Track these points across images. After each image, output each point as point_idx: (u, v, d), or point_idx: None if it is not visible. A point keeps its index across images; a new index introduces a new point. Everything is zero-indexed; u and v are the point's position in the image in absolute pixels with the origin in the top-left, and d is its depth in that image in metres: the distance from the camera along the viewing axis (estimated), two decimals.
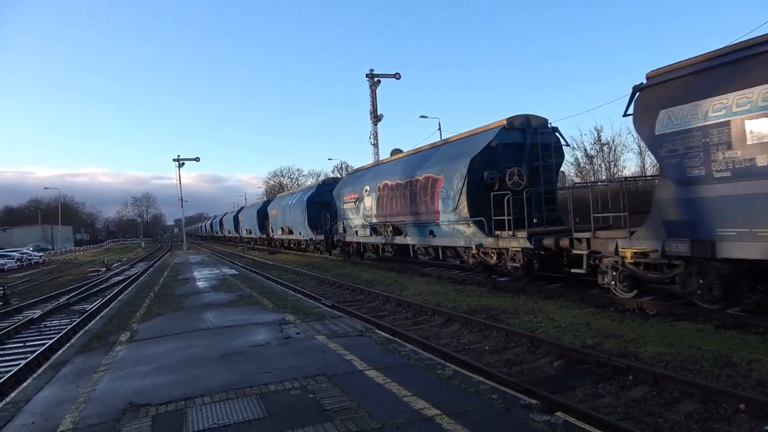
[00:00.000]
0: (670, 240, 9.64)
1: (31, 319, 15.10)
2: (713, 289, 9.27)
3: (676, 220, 9.62)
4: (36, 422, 5.34)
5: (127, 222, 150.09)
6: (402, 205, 19.81)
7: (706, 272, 9.35)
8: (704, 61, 9.26)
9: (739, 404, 5.46)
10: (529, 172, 15.29)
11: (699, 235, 9.17)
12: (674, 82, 9.76)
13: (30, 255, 53.05)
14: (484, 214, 15.05)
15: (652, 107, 9.88)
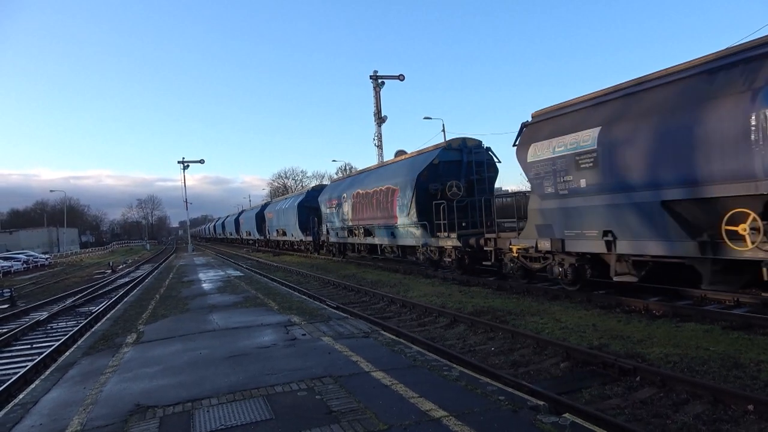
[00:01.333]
0: (539, 239, 12.88)
1: (38, 320, 15.17)
2: (568, 274, 12.41)
3: (541, 225, 12.82)
4: (44, 423, 5.36)
5: (132, 224, 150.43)
6: (371, 210, 23.23)
7: (563, 262, 12.53)
8: (555, 110, 12.80)
9: (748, 405, 5.42)
10: (467, 184, 18.69)
11: (555, 235, 12.43)
12: (539, 123, 13.05)
13: (36, 257, 53.29)
14: (428, 218, 18.41)
15: (528, 141, 13.04)
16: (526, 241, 13.42)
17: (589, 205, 11.38)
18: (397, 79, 41.59)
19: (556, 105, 12.91)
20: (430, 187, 18.55)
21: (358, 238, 25.40)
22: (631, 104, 10.57)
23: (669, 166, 9.47)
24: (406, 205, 19.63)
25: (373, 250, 25.65)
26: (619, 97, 11.05)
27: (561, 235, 12.24)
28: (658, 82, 10.20)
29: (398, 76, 41.58)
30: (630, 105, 10.59)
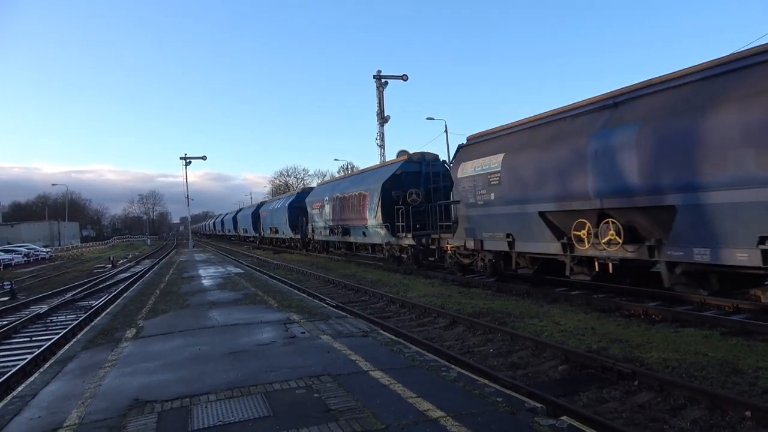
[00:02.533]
0: (467, 239, 16.07)
1: (38, 314, 15.20)
2: (487, 268, 15.68)
3: (468, 228, 15.93)
4: (42, 416, 5.38)
5: (133, 219, 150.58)
6: (348, 212, 26.43)
7: (484, 258, 15.73)
8: (479, 137, 16.20)
9: (745, 412, 5.42)
10: (426, 192, 21.82)
11: (477, 236, 15.61)
12: (468, 146, 16.41)
13: (37, 250, 53.39)
14: (391, 221, 21.60)
15: (459, 160, 16.28)
16: (457, 241, 16.79)
17: (497, 213, 14.55)
18: (401, 79, 41.56)
19: (481, 132, 16.31)
20: (393, 194, 21.79)
21: (337, 236, 28.73)
22: (522, 137, 13.88)
23: (543, 185, 12.64)
24: (374, 209, 22.86)
25: (350, 248, 29.67)
26: (515, 131, 14.37)
27: (481, 237, 15.50)
28: (535, 123, 13.67)
29: (402, 76, 41.54)
30: (522, 138, 13.91)
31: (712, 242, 9.16)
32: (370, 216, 23.40)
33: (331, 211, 28.95)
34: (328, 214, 29.49)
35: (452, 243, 17.17)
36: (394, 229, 21.59)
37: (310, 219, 34.01)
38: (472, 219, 15.62)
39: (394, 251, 22.64)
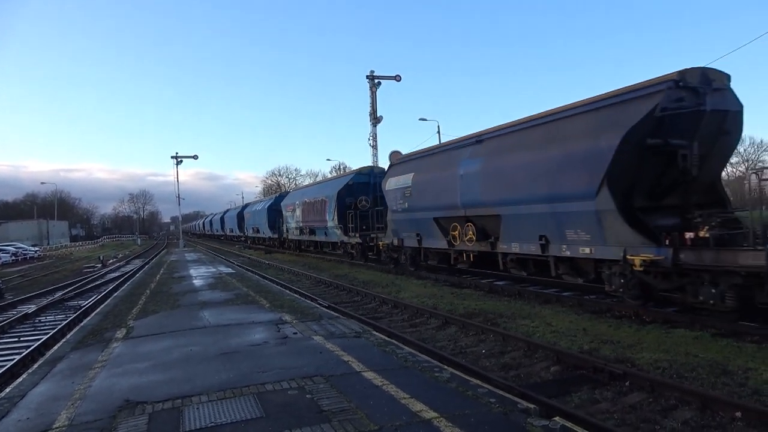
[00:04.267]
0: (394, 238, 20.53)
1: (26, 314, 15.05)
2: (407, 260, 20.17)
3: (393, 229, 20.57)
4: (31, 418, 5.32)
5: (123, 218, 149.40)
6: (313, 215, 30.87)
7: (406, 252, 20.19)
8: (402, 158, 20.96)
9: (736, 412, 5.47)
10: (374, 199, 25.29)
11: (399, 236, 20.14)
12: (394, 165, 21.23)
13: (25, 249, 52.87)
14: (344, 222, 26.21)
15: (388, 176, 21.06)
16: (387, 239, 21.37)
17: (410, 218, 19.08)
18: (394, 80, 41.60)
19: (403, 156, 21.32)
20: (347, 200, 26.18)
21: (306, 235, 33.54)
22: (424, 162, 18.58)
23: (436, 198, 17.03)
24: (332, 212, 27.35)
25: (317, 246, 34.39)
26: (421, 157, 19.28)
27: (402, 236, 20.08)
28: (432, 152, 18.87)
29: (395, 76, 41.56)
30: (424, 162, 18.62)
31: (520, 239, 13.54)
32: (329, 218, 27.90)
33: (301, 213, 33.57)
34: (299, 216, 34.14)
35: (383, 241, 21.94)
36: (346, 229, 26.03)
37: (285, 220, 38.67)
38: (396, 222, 20.31)
39: (347, 248, 27.43)
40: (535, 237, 12.69)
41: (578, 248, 11.57)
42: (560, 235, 12.02)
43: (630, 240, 10.25)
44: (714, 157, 10.82)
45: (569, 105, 12.40)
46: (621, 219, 10.32)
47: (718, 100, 10.37)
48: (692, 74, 10.24)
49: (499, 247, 14.25)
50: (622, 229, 10.35)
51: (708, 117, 10.25)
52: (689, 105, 10.11)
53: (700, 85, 10.23)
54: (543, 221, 12.44)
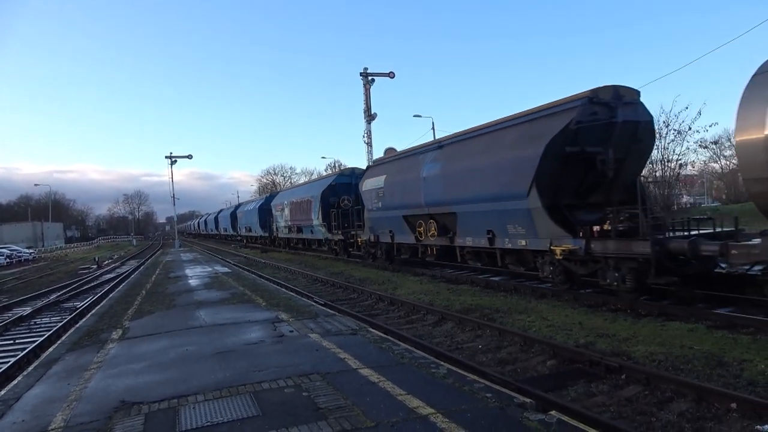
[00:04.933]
0: (371, 234, 22.51)
1: (21, 316, 14.98)
2: (383, 255, 22.16)
3: (370, 226, 22.51)
4: (26, 420, 5.29)
5: (119, 219, 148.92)
6: (300, 214, 32.85)
7: (382, 248, 22.13)
8: (377, 162, 23.44)
9: (731, 404, 5.49)
10: (355, 198, 26.05)
11: (375, 232, 22.12)
12: (371, 168, 23.85)
13: (20, 252, 52.61)
14: (328, 221, 27.94)
15: (365, 178, 23.14)
16: (365, 236, 23.33)
17: (383, 216, 20.90)
18: (388, 77, 41.47)
19: (377, 159, 24.20)
20: (330, 200, 27.90)
21: (294, 233, 35.81)
22: (394, 165, 20.75)
23: (404, 197, 18.84)
24: (316, 211, 29.26)
25: (305, 243, 36.56)
26: (392, 160, 21.48)
27: (378, 233, 21.99)
28: (401, 156, 20.99)
29: (388, 73, 41.39)
30: (394, 165, 20.72)
31: (472, 234, 15.22)
32: (314, 217, 29.81)
33: (289, 213, 35.69)
34: (287, 215, 36.26)
35: (362, 237, 23.92)
36: (330, 227, 27.88)
37: (275, 219, 40.78)
38: (372, 220, 22.24)
39: (331, 244, 29.56)
40: (484, 232, 14.52)
41: (517, 241, 13.34)
42: (503, 230, 13.78)
43: (554, 233, 11.95)
44: (630, 161, 12.47)
45: (508, 117, 14.26)
46: (546, 215, 11.97)
47: (629, 112, 12.03)
48: (605, 91, 11.89)
49: (457, 241, 16.16)
50: (547, 224, 12.02)
51: (620, 127, 11.90)
52: (602, 118, 11.79)
53: (612, 101, 11.85)
54: (489, 218, 14.20)
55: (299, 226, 33.57)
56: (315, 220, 29.59)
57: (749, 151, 8.48)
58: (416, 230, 18.52)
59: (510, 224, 13.36)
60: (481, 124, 15.54)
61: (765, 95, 8.23)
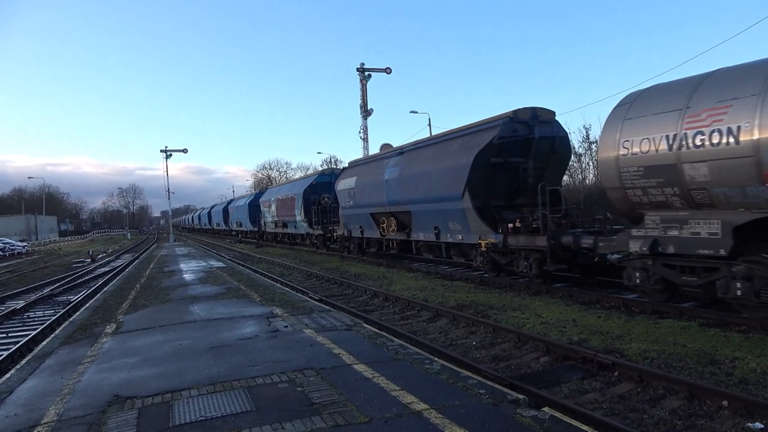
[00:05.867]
0: (344, 230, 24.74)
1: (14, 309, 14.90)
2: (356, 249, 24.69)
3: (344, 222, 24.73)
4: (19, 414, 5.28)
5: (113, 213, 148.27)
6: (285, 210, 35.52)
7: (354, 242, 24.52)
8: (351, 165, 25.53)
9: (722, 401, 5.53)
10: (334, 196, 27.01)
11: (348, 228, 24.33)
12: (345, 169, 25.96)
13: (13, 245, 52.35)
14: (309, 217, 30.16)
15: (338, 179, 25.47)
16: (340, 231, 25.77)
17: (354, 214, 23.20)
18: (384, 72, 41.38)
19: (351, 162, 26.03)
20: (312, 197, 30.14)
21: (280, 228, 38.48)
22: (364, 168, 22.86)
23: (371, 197, 21.04)
24: (299, 208, 31.65)
25: (289, 237, 39.13)
26: (362, 164, 23.97)
27: (351, 228, 24.27)
28: (369, 160, 23.65)
29: (385, 69, 41.28)
30: (363, 168, 22.96)
31: (423, 230, 17.66)
32: (297, 213, 32.25)
33: (276, 209, 38.06)
34: (274, 211, 38.73)
35: (338, 233, 26.39)
36: (311, 222, 30.02)
37: (263, 215, 43.16)
38: (345, 217, 24.55)
39: (312, 239, 32.08)
40: (432, 228, 16.93)
41: (456, 236, 15.79)
42: (446, 227, 16.21)
43: (482, 229, 14.41)
44: (549, 170, 14.78)
45: (454, 129, 16.82)
46: (476, 214, 14.39)
47: (546, 129, 14.52)
48: (524, 112, 14.34)
49: (412, 236, 18.68)
50: (477, 222, 14.47)
51: (537, 142, 14.35)
52: (522, 134, 14.22)
53: (530, 120, 14.33)
54: (435, 216, 16.54)
55: (284, 221, 36.07)
56: (298, 216, 32.04)
57: (607, 166, 10.50)
58: (381, 226, 20.90)
59: (450, 222, 15.81)
60: (434, 135, 18.53)
61: (617, 125, 10.33)
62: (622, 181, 10.15)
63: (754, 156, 8.01)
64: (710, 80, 9.17)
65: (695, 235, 9.13)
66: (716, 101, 8.67)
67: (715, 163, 8.54)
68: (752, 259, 8.48)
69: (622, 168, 10.10)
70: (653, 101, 9.98)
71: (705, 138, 8.64)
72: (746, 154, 8.09)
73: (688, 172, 8.95)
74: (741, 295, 8.51)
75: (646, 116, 9.88)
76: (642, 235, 10.03)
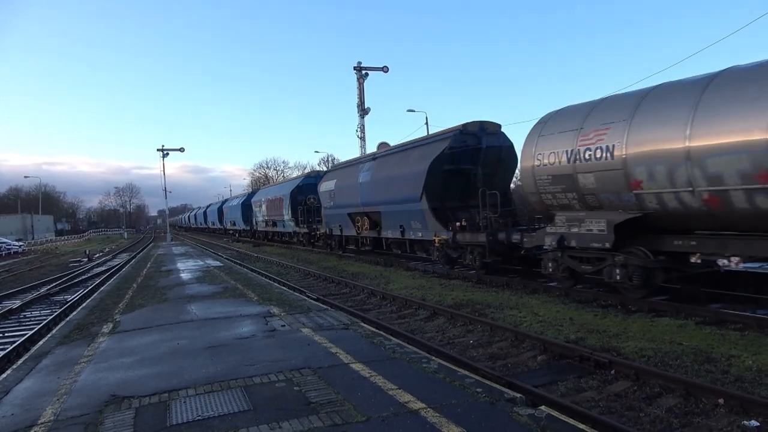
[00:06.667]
0: (327, 228, 27.11)
1: (11, 309, 14.86)
2: (336, 245, 26.95)
3: (326, 221, 27.14)
4: (16, 414, 5.27)
5: (110, 212, 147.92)
6: (274, 210, 37.79)
7: (335, 239, 26.89)
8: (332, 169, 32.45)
9: (718, 399, 5.55)
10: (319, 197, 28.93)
11: (330, 227, 26.71)
12: (325, 174, 30.55)
13: (9, 244, 52.17)
14: (296, 216, 32.42)
15: (320, 182, 28.37)
16: (323, 229, 28.00)
17: (334, 213, 25.48)
18: (381, 71, 41.34)
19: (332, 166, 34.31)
20: (298, 198, 32.19)
21: (270, 227, 40.81)
22: (343, 172, 25.40)
23: (348, 198, 23.36)
24: (287, 208, 33.89)
25: (278, 235, 41.32)
26: (341, 168, 26.71)
27: (331, 227, 26.54)
28: (348, 164, 25.96)
29: (382, 67, 41.27)
30: (343, 172, 25.44)
31: (391, 228, 19.86)
32: (285, 213, 34.42)
33: (266, 209, 40.39)
34: (264, 211, 41.05)
35: (320, 231, 28.72)
36: (297, 222, 32.29)
37: (254, 215, 45.63)
38: (327, 216, 26.91)
39: (298, 236, 34.81)
40: (398, 226, 19.21)
41: (417, 233, 18.07)
42: (409, 225, 18.45)
43: (436, 227, 16.54)
44: (499, 176, 16.68)
45: (418, 138, 19.78)
46: (432, 215, 16.61)
47: (493, 140, 16.64)
48: (472, 125, 16.61)
49: (382, 233, 21.00)
50: (433, 221, 16.63)
51: (485, 151, 16.47)
52: (471, 144, 16.42)
53: (478, 132, 16.53)
54: (400, 216, 18.80)
55: (274, 220, 38.54)
56: (286, 215, 34.40)
57: (526, 174, 12.50)
58: (356, 225, 23.09)
59: (412, 221, 18.06)
60: (401, 143, 21.02)
61: (533, 140, 12.37)
62: (538, 187, 12.13)
63: (623, 169, 9.98)
64: (600, 106, 11.21)
65: (589, 232, 11.13)
66: (600, 123, 10.69)
67: (599, 174, 10.57)
68: (629, 251, 10.40)
69: (537, 176, 12.08)
70: (559, 121, 11.97)
71: (592, 153, 10.69)
72: (618, 167, 10.09)
73: (581, 181, 10.99)
74: (620, 279, 10.44)
75: (554, 134, 11.88)
76: (553, 232, 12.00)
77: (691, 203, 9.12)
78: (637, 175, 9.76)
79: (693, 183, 8.89)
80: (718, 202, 8.73)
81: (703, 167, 8.66)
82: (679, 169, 9.03)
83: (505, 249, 14.10)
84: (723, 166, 8.41)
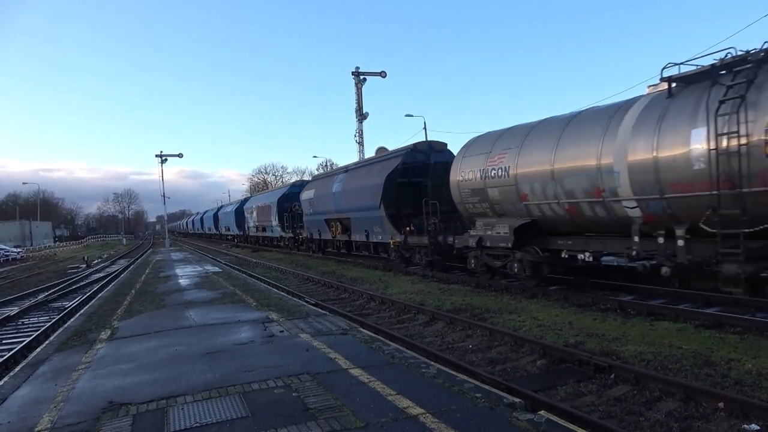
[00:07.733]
0: (308, 232, 30.35)
1: (8, 316, 14.81)
2: (317, 248, 30.60)
3: (307, 227, 30.34)
4: (12, 422, 5.24)
5: (108, 218, 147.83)
6: (264, 216, 41.02)
7: (315, 243, 30.37)
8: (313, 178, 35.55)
9: (718, 403, 5.54)
10: None
11: (311, 231, 29.89)
12: (309, 182, 33.31)
13: (7, 251, 52.08)
14: (282, 222, 35.65)
15: (302, 191, 31.33)
16: (305, 234, 30.79)
17: (314, 220, 28.24)
18: (379, 76, 41.50)
19: (314, 176, 38.25)
20: (284, 205, 35.21)
21: (260, 232, 44.05)
22: (322, 182, 28.21)
23: (325, 206, 26.20)
24: (275, 214, 36.99)
25: (267, 240, 44.14)
26: (320, 179, 29.96)
27: (312, 232, 29.35)
28: (326, 175, 30.13)
29: (380, 72, 41.49)
30: (321, 182, 28.25)
31: (359, 232, 22.65)
32: (273, 219, 37.56)
33: (257, 215, 43.59)
34: (255, 217, 44.24)
35: (303, 235, 31.62)
36: (284, 227, 35.63)
37: (247, 221, 48.81)
38: (308, 222, 29.69)
39: (285, 241, 37.33)
40: (363, 231, 22.04)
41: (378, 236, 20.98)
42: (372, 230, 21.27)
43: (392, 231, 19.48)
44: (446, 188, 16.72)
45: (381, 154, 23.02)
46: (389, 221, 19.46)
47: (440, 156, 19.45)
48: (422, 144, 20.59)
49: (352, 237, 23.81)
50: (390, 226, 19.57)
51: (433, 166, 19.16)
52: (421, 160, 19.64)
53: (427, 149, 19.96)
54: (365, 221, 21.52)
55: (263, 226, 41.78)
56: (274, 221, 37.49)
57: (454, 187, 15.32)
58: (332, 230, 25.87)
59: (374, 226, 20.84)
60: (368, 158, 25.64)
61: (459, 159, 15.37)
62: (462, 198, 14.98)
63: (515, 185, 12.88)
64: (505, 134, 14.06)
65: (498, 234, 13.76)
66: (502, 149, 13.57)
67: (501, 188, 13.44)
68: (525, 249, 13.03)
69: (461, 189, 14.94)
70: (477, 146, 15.01)
71: (496, 172, 13.54)
72: (512, 184, 12.99)
73: (490, 194, 13.83)
74: (517, 272, 13.21)
75: (473, 155, 14.76)
76: (475, 234, 14.66)
77: (559, 212, 11.93)
78: (525, 190, 12.62)
79: (558, 196, 11.74)
80: (574, 211, 11.58)
81: (563, 185, 11.54)
82: (548, 186, 11.92)
83: (445, 249, 16.66)
84: (574, 184, 11.29)
